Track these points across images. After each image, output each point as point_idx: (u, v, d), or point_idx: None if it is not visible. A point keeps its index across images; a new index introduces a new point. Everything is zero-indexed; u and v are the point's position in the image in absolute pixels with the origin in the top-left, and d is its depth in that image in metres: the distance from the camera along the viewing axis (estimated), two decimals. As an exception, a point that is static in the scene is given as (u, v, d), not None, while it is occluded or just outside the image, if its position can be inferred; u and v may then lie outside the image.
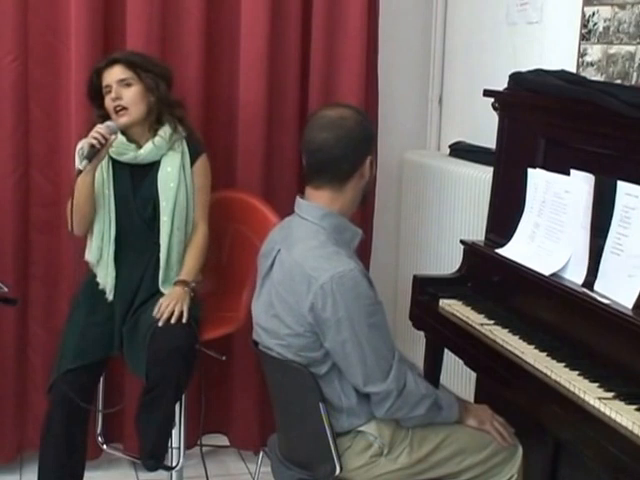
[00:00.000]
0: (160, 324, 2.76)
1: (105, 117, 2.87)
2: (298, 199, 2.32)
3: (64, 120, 3.18)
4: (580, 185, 2.42)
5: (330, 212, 2.25)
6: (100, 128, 2.76)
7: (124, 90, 2.84)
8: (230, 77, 3.32)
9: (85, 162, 2.72)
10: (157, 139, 2.88)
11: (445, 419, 2.30)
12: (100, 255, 2.88)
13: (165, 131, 2.90)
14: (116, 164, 2.90)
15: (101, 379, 2.98)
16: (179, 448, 3.00)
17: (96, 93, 2.88)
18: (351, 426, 2.25)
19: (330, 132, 2.23)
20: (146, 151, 2.88)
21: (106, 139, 2.75)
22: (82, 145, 2.82)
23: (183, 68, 3.18)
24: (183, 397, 2.92)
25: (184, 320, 2.78)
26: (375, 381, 2.17)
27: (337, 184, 2.25)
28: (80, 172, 2.72)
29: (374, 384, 2.18)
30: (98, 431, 3.17)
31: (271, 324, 2.26)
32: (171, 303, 2.79)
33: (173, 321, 2.76)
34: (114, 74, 2.84)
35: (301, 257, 2.19)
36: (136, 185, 2.91)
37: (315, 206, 2.26)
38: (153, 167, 2.91)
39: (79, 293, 2.96)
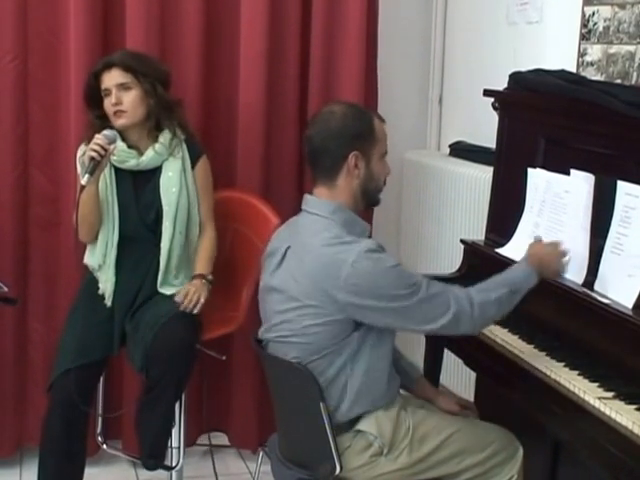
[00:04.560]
0: (182, 308, 2.77)
1: (103, 117, 2.87)
2: (306, 196, 2.34)
3: (63, 119, 3.18)
4: (580, 185, 2.42)
5: (340, 207, 2.26)
6: (99, 139, 2.74)
7: (124, 94, 2.83)
8: (230, 77, 3.32)
9: (87, 176, 2.70)
10: (157, 146, 2.88)
11: (526, 289, 2.29)
12: (103, 261, 2.89)
13: (165, 137, 2.90)
14: (118, 171, 2.89)
15: (101, 379, 2.97)
16: (179, 448, 3.00)
17: (93, 95, 2.88)
18: (350, 413, 2.24)
19: (315, 127, 2.30)
20: (147, 158, 2.88)
21: (106, 150, 2.73)
22: (82, 153, 2.82)
23: (182, 68, 3.18)
24: (183, 396, 2.92)
25: (196, 311, 2.80)
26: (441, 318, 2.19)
27: (327, 179, 2.28)
28: (83, 187, 2.72)
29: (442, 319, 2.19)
30: (98, 431, 3.16)
31: (290, 316, 2.24)
32: (196, 293, 2.81)
33: (195, 311, 2.79)
34: (113, 78, 2.82)
35: (321, 247, 2.19)
36: (138, 191, 2.91)
37: (325, 201, 2.27)
38: (155, 172, 2.91)
39: (79, 292, 2.96)
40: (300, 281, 2.21)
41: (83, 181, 2.71)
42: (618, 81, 2.73)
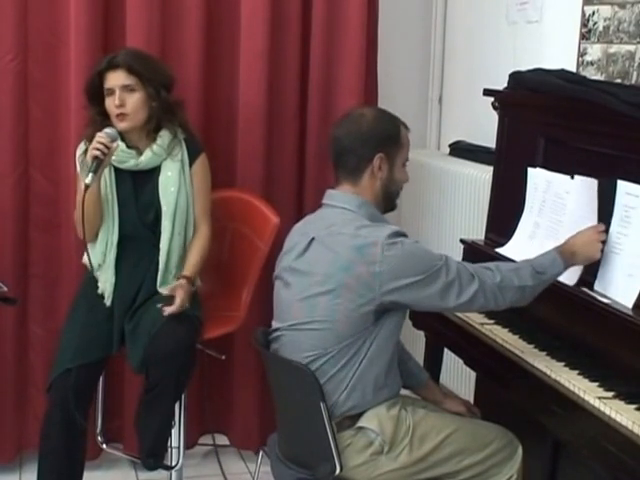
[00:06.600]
0: (165, 314, 2.73)
1: (104, 113, 2.86)
2: (330, 191, 2.39)
3: (63, 119, 3.17)
4: (582, 190, 2.41)
5: (366, 202, 2.32)
6: (101, 137, 2.74)
7: (127, 96, 2.82)
8: (230, 77, 3.32)
9: (91, 175, 2.69)
10: (156, 147, 2.88)
11: (554, 276, 2.30)
12: (103, 260, 2.89)
13: (164, 138, 2.89)
14: (118, 171, 2.89)
15: (100, 379, 2.97)
16: (179, 447, 3.00)
17: (95, 93, 2.87)
18: (347, 404, 2.24)
19: (345, 128, 2.36)
20: (146, 158, 2.88)
21: (108, 148, 2.73)
22: (82, 152, 2.82)
23: (183, 68, 3.18)
24: (183, 396, 2.92)
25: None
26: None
27: (351, 179, 2.33)
28: (87, 187, 2.70)
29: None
30: (98, 430, 3.16)
31: (312, 301, 2.25)
32: (185, 297, 2.76)
33: (176, 310, 2.74)
34: (118, 79, 2.82)
35: (355, 231, 2.22)
36: (138, 190, 2.91)
37: (352, 196, 2.32)
38: (154, 172, 2.91)
39: (79, 292, 2.96)
40: (327, 267, 2.23)
41: (87, 180, 2.69)
42: (618, 81, 2.73)
